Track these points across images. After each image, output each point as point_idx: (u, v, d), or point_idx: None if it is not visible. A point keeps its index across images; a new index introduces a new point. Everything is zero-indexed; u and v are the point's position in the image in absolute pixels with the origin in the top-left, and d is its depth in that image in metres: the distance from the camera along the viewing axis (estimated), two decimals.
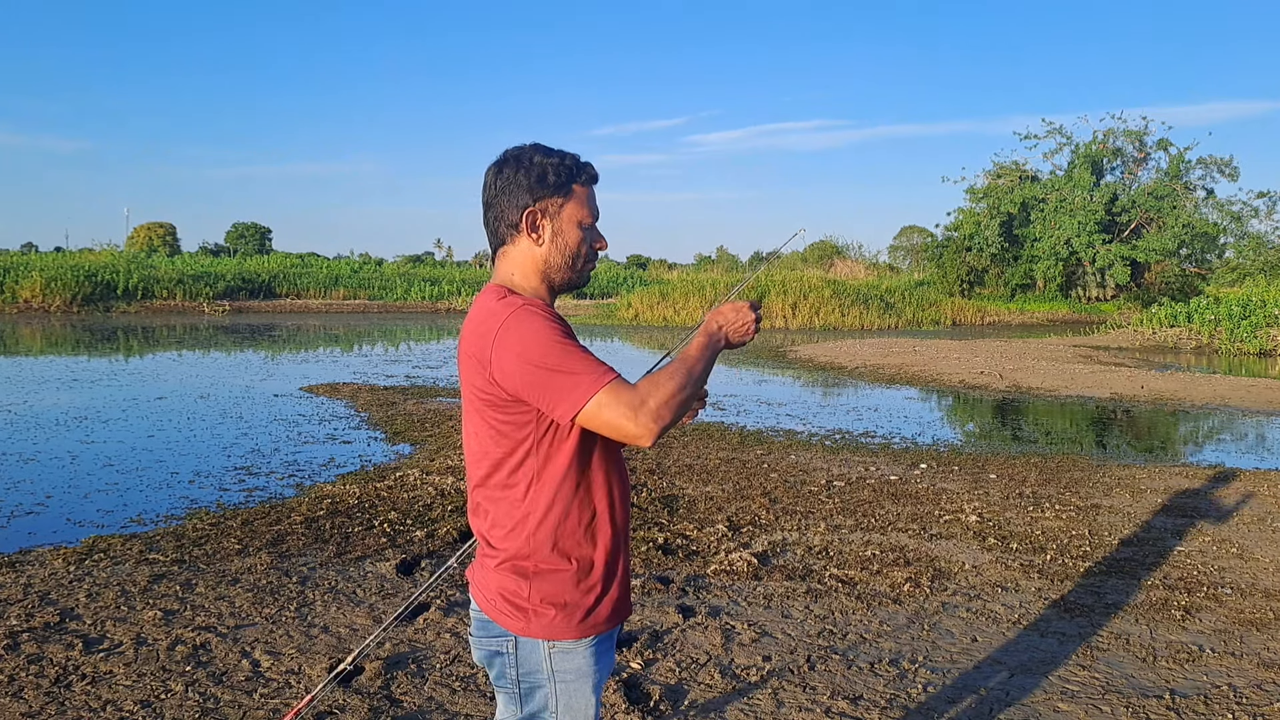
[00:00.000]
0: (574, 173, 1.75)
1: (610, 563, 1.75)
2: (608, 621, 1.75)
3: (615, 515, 1.76)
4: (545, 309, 1.67)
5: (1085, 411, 12.70)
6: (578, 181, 1.75)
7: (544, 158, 1.74)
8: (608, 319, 33.54)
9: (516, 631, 1.72)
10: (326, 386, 13.40)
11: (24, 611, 4.21)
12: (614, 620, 1.77)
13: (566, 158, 1.75)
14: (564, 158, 1.75)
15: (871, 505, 6.69)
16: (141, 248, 53.02)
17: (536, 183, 1.73)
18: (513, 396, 1.64)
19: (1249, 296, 28.41)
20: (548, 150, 1.75)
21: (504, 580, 1.73)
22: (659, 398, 1.58)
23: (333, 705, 3.36)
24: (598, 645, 1.75)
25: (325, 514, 6.06)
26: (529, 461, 1.69)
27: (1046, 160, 45.82)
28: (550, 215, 1.75)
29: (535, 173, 1.73)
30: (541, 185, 1.73)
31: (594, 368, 1.60)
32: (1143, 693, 3.65)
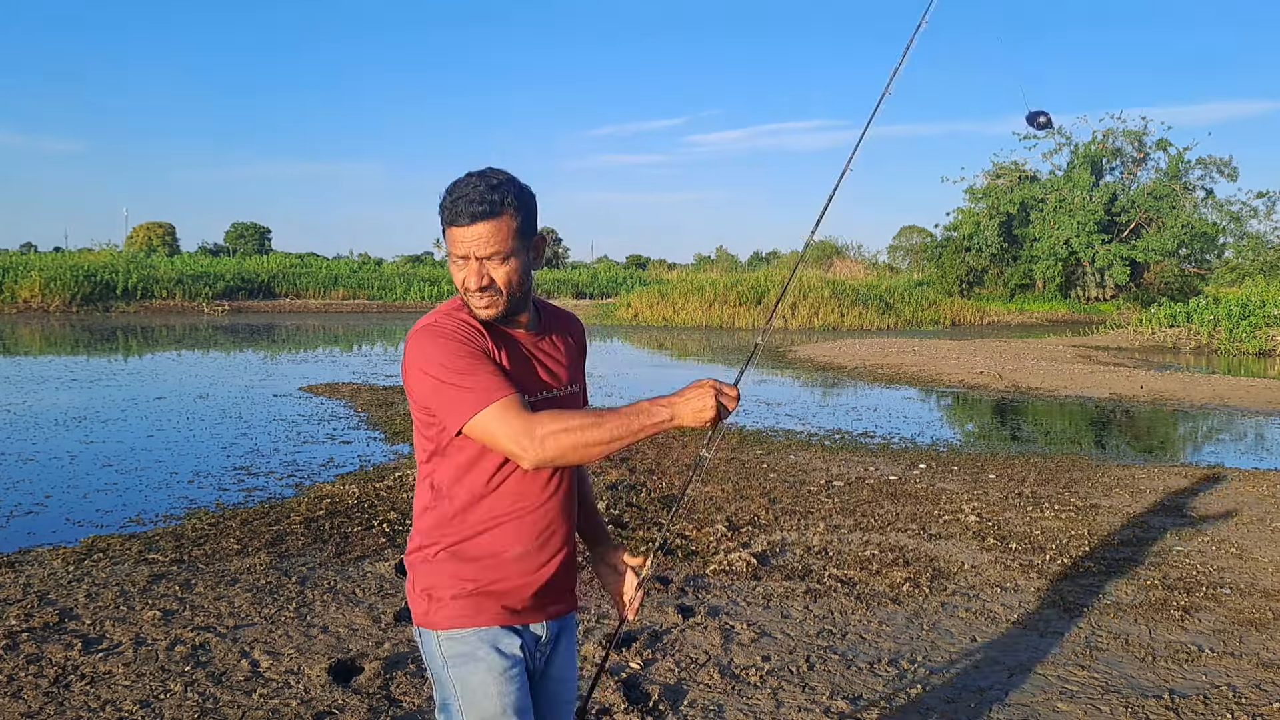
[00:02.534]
0: (441, 213, 1.77)
1: (509, 561, 1.82)
2: (503, 615, 1.82)
3: (524, 519, 1.83)
4: (454, 328, 1.76)
5: (1084, 411, 12.70)
6: (442, 221, 1.78)
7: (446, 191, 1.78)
8: (607, 319, 33.54)
9: (415, 620, 1.86)
10: (326, 386, 13.40)
11: (23, 611, 4.21)
12: (510, 615, 1.83)
13: (444, 198, 1.76)
14: (444, 197, 1.76)
15: (871, 505, 6.69)
16: (141, 248, 53.01)
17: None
18: (420, 403, 1.78)
19: (1248, 296, 28.40)
20: (453, 184, 1.76)
21: (410, 571, 1.89)
22: (553, 428, 1.66)
23: (332, 705, 3.36)
24: (491, 636, 1.81)
25: (325, 514, 6.05)
26: (434, 460, 1.83)
27: (1046, 160, 45.88)
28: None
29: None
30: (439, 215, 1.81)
31: (489, 384, 1.69)
32: (1142, 693, 3.66)
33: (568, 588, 1.95)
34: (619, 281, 51.48)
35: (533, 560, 1.85)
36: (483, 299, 1.76)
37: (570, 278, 53.10)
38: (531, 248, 1.81)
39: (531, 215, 1.80)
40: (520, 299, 1.81)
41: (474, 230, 1.73)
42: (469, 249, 1.73)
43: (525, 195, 1.78)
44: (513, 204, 1.74)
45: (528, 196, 1.79)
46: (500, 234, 1.73)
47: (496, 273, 1.75)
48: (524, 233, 1.77)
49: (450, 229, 1.74)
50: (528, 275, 1.80)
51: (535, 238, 1.82)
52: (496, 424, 1.67)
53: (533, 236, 1.81)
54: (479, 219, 1.72)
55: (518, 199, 1.75)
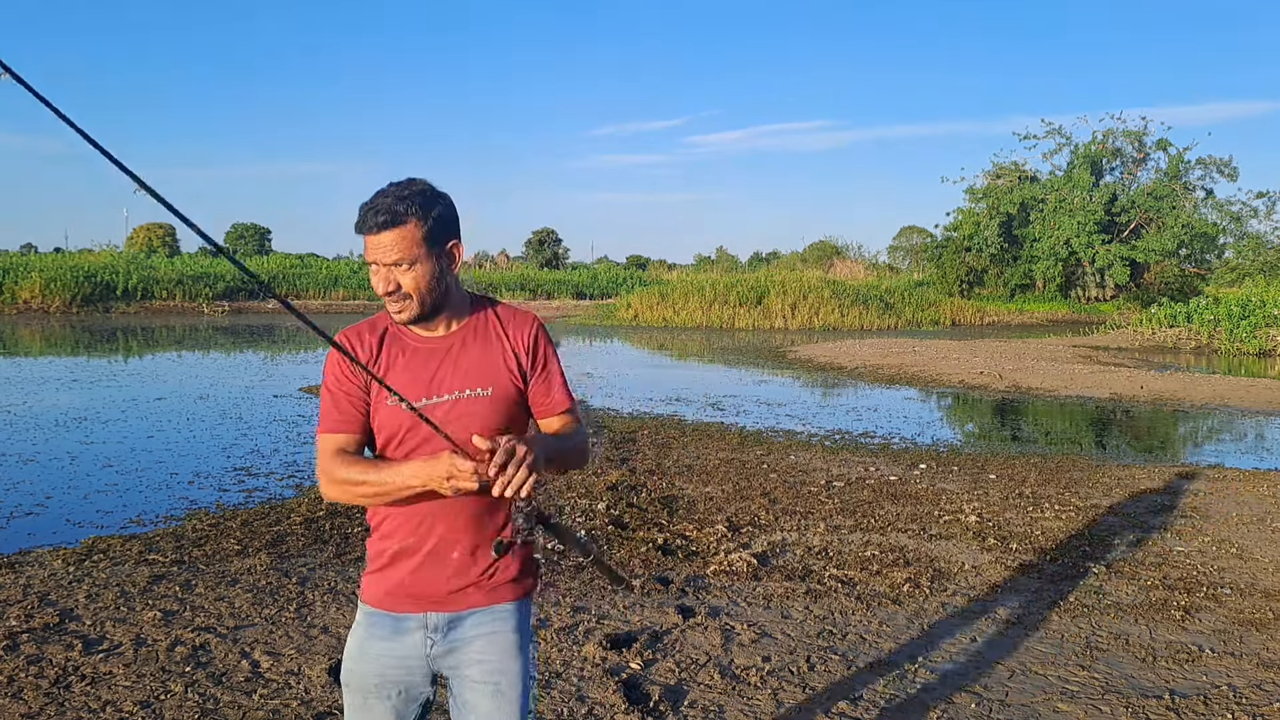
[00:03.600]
0: (356, 222, 1.88)
1: (387, 554, 1.95)
2: (377, 600, 1.96)
3: (406, 519, 1.92)
4: (335, 357, 1.93)
5: (1085, 412, 12.70)
6: (355, 228, 1.88)
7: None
8: (607, 319, 33.54)
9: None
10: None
11: (23, 612, 4.21)
12: (384, 600, 1.95)
13: (361, 204, 1.87)
14: (362, 203, 1.87)
15: (871, 506, 6.69)
16: (141, 248, 52.96)
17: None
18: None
19: (1248, 297, 28.40)
20: (374, 193, 1.87)
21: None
22: (340, 474, 1.85)
23: (332, 706, 3.36)
24: (368, 616, 1.98)
25: (325, 514, 6.05)
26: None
27: (1046, 160, 45.91)
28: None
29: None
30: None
31: (324, 415, 1.93)
32: (1142, 693, 3.66)
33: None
34: (619, 282, 51.47)
35: (414, 556, 1.97)
36: (393, 303, 1.87)
37: (570, 278, 53.11)
38: (444, 255, 1.88)
39: (442, 222, 1.87)
40: (435, 303, 1.89)
41: (379, 239, 1.83)
42: (376, 256, 1.84)
43: (434, 204, 1.86)
44: (417, 213, 1.83)
45: (438, 205, 1.87)
46: (404, 242, 1.82)
47: (404, 279, 1.84)
48: (432, 240, 1.85)
49: (364, 236, 1.85)
50: (439, 280, 1.88)
51: (449, 244, 1.89)
52: (318, 451, 1.91)
53: (445, 243, 1.88)
54: (383, 228, 1.82)
55: (423, 208, 1.83)
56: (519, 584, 2.00)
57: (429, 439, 1.85)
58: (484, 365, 1.93)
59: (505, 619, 1.97)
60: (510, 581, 1.98)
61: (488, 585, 1.96)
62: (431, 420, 1.78)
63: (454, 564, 1.93)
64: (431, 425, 1.75)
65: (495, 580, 1.96)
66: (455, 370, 1.91)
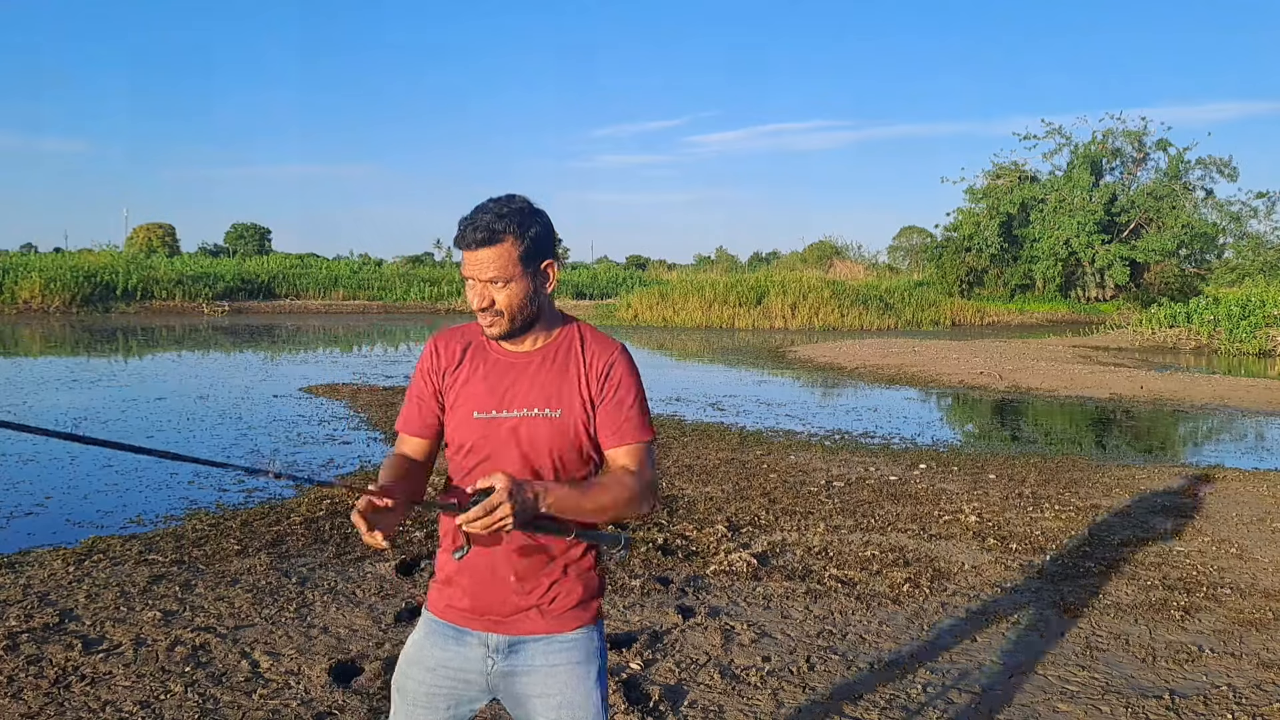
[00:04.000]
0: (455, 235, 1.90)
1: (449, 567, 1.97)
2: (440, 610, 1.97)
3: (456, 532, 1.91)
4: (426, 350, 2.00)
5: (1085, 412, 12.70)
6: (454, 242, 1.91)
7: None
8: (607, 319, 33.55)
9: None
10: (326, 387, 13.40)
11: (23, 612, 4.21)
12: (446, 612, 1.96)
13: (460, 221, 1.88)
14: (461, 220, 1.89)
15: (871, 506, 6.69)
16: (141, 248, 52.94)
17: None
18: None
19: (1248, 297, 28.40)
20: (474, 208, 1.89)
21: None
22: (380, 473, 1.96)
23: (332, 706, 3.36)
24: (430, 623, 1.99)
25: (325, 514, 6.05)
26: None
27: (1046, 161, 45.88)
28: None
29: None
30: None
31: (402, 411, 2.02)
32: (1142, 693, 3.66)
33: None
34: (619, 282, 51.45)
35: (468, 566, 1.98)
36: (486, 318, 1.89)
37: (570, 278, 53.10)
38: (539, 273, 1.89)
39: (539, 242, 1.87)
40: (527, 321, 1.90)
41: (477, 255, 1.85)
42: (473, 271, 1.86)
43: (532, 223, 1.86)
44: (515, 231, 1.84)
45: (536, 224, 1.87)
46: (500, 260, 1.84)
47: (498, 295, 1.86)
48: (527, 259, 1.86)
49: (462, 250, 1.87)
50: (532, 299, 1.88)
51: (544, 263, 1.89)
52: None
53: (540, 262, 1.88)
54: (481, 245, 1.84)
55: (520, 227, 1.84)
56: (584, 609, 1.95)
57: (496, 452, 1.88)
58: (558, 387, 1.91)
59: (571, 649, 1.92)
60: (574, 607, 1.93)
61: (550, 611, 1.92)
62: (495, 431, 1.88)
63: (511, 586, 1.91)
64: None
65: (557, 606, 1.92)
66: (530, 387, 1.90)
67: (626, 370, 1.94)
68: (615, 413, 1.91)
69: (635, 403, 1.93)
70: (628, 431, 1.92)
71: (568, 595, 1.92)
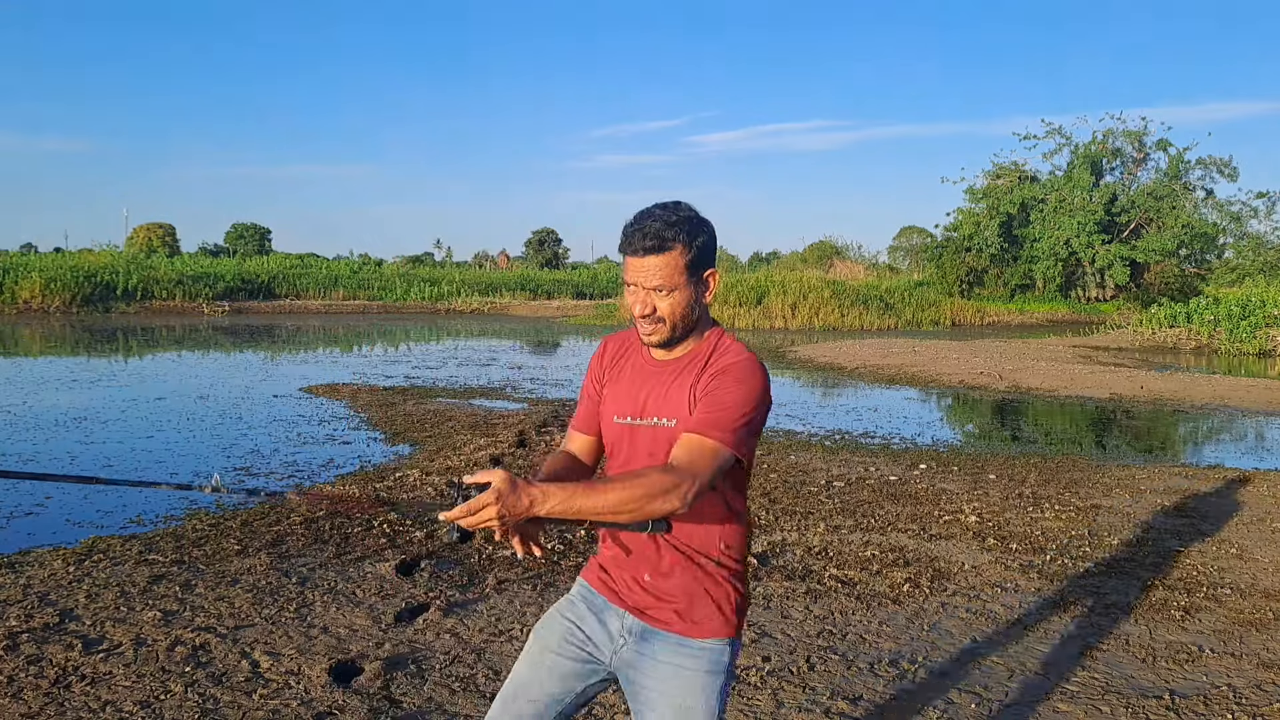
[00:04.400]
0: (620, 240, 1.91)
1: (602, 550, 2.07)
2: (591, 578, 2.08)
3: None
4: (595, 354, 2.12)
5: (1085, 412, 12.70)
6: (619, 247, 1.92)
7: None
8: (607, 319, 33.53)
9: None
10: (326, 387, 13.40)
11: (23, 612, 4.21)
12: (595, 583, 2.06)
13: (626, 226, 1.89)
14: (626, 224, 1.89)
15: (871, 506, 6.69)
16: (141, 248, 52.95)
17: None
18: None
19: (1248, 297, 28.41)
20: (637, 214, 1.90)
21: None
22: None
23: (332, 706, 3.36)
24: (580, 586, 2.09)
25: (325, 514, 6.05)
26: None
27: (1046, 161, 45.89)
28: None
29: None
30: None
31: (577, 412, 2.12)
32: (1142, 693, 3.66)
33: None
34: (619, 282, 51.39)
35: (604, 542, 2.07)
36: (647, 326, 1.90)
37: (570, 278, 53.11)
38: (701, 282, 1.90)
39: (704, 251, 1.88)
40: (687, 329, 1.91)
41: (643, 263, 1.85)
42: (637, 278, 1.87)
43: (699, 232, 1.87)
44: (683, 240, 1.84)
45: (702, 234, 1.88)
46: (667, 269, 1.84)
47: (661, 303, 1.86)
48: (692, 268, 1.86)
49: (625, 257, 1.88)
50: (693, 308, 1.89)
51: (707, 272, 1.90)
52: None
53: (703, 272, 1.89)
54: (649, 253, 1.84)
55: (689, 235, 1.85)
56: (724, 620, 1.93)
57: (631, 458, 1.94)
58: (678, 395, 1.90)
59: (701, 656, 1.91)
60: (713, 616, 1.92)
61: (688, 614, 1.92)
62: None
63: (645, 584, 1.95)
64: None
65: (696, 612, 1.92)
66: (663, 395, 1.92)
67: (733, 377, 1.86)
68: (703, 405, 1.85)
69: (730, 405, 1.83)
70: (703, 423, 1.82)
71: (708, 603, 1.92)
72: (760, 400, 1.86)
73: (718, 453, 1.78)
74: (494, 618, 4.29)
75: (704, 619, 1.91)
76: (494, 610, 4.39)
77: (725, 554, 1.93)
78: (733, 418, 1.81)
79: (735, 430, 1.80)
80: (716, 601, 1.92)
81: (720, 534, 1.93)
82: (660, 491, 1.70)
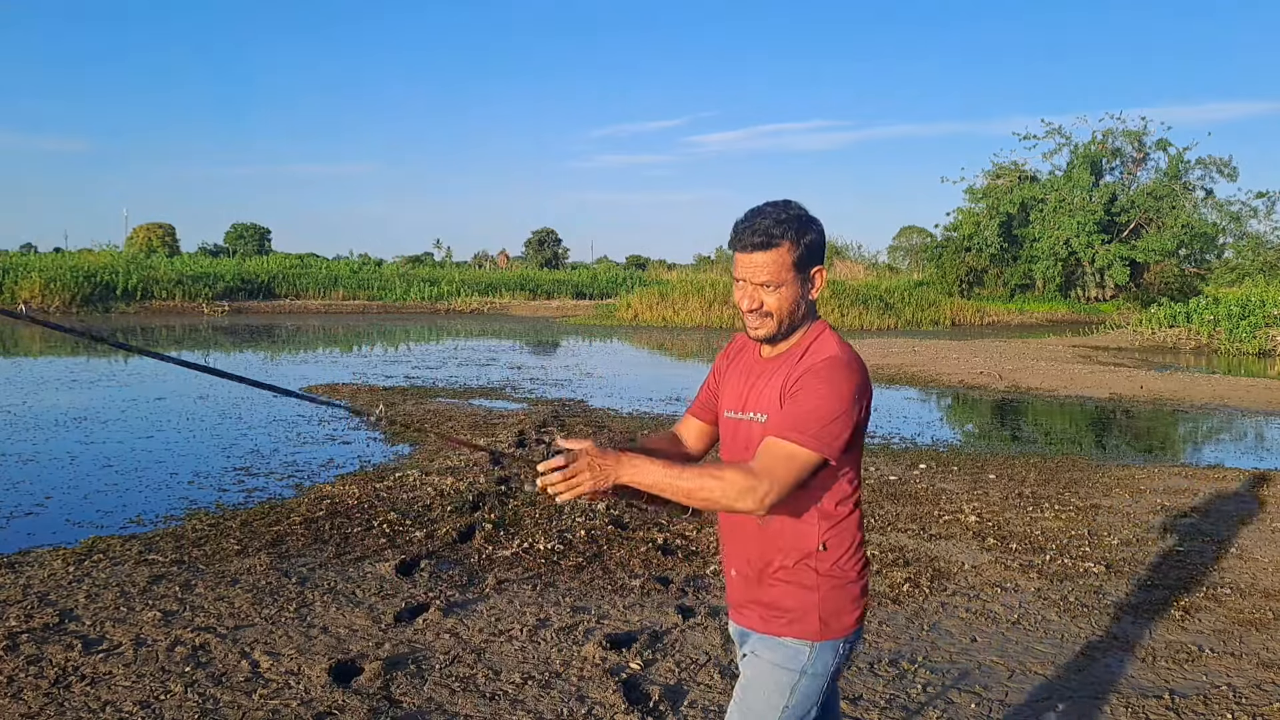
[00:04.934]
0: (730, 236, 1.95)
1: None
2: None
3: (720, 527, 2.13)
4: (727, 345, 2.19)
5: (1084, 412, 12.70)
6: (729, 243, 1.97)
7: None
8: (607, 319, 33.54)
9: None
10: (326, 387, 13.39)
11: (23, 612, 4.21)
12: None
13: (737, 223, 1.94)
14: (737, 221, 1.94)
15: (871, 505, 6.68)
16: (141, 248, 52.92)
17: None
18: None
19: (1248, 297, 28.41)
20: (749, 211, 1.94)
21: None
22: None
23: (332, 706, 3.36)
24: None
25: (324, 514, 6.05)
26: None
27: (1046, 160, 45.93)
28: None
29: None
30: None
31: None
32: (1143, 693, 3.66)
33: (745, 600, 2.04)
34: (619, 282, 51.44)
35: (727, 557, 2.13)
36: (754, 320, 1.95)
37: (570, 278, 53.10)
38: (808, 280, 1.94)
39: (812, 250, 1.92)
40: (793, 324, 1.95)
41: (752, 258, 1.90)
42: (746, 274, 1.91)
43: (807, 230, 1.91)
44: (792, 237, 1.88)
45: (811, 232, 1.91)
46: (775, 265, 1.89)
47: (768, 299, 1.91)
48: (800, 265, 1.91)
49: (735, 253, 1.92)
50: (800, 303, 1.93)
51: (814, 269, 1.94)
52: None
53: (810, 269, 1.93)
54: (758, 249, 1.88)
55: (798, 233, 1.89)
56: (804, 620, 1.92)
57: (735, 446, 2.01)
58: (771, 392, 1.93)
59: (775, 650, 1.94)
60: (790, 614, 1.93)
61: (766, 612, 1.97)
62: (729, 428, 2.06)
63: (736, 581, 2.04)
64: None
65: (775, 610, 1.95)
66: (762, 390, 1.96)
67: (821, 377, 1.85)
68: (787, 405, 1.87)
69: (812, 405, 1.83)
70: (783, 424, 1.83)
71: (781, 601, 1.95)
72: (852, 398, 1.84)
73: (795, 455, 1.80)
74: (494, 618, 4.29)
75: (784, 619, 1.94)
76: (494, 610, 4.39)
77: (817, 556, 1.92)
78: (815, 418, 1.81)
79: (817, 431, 1.81)
80: (802, 604, 1.92)
81: (811, 536, 1.93)
82: (735, 493, 1.77)
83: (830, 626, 1.92)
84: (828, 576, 1.93)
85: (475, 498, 6.41)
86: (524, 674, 3.68)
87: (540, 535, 5.62)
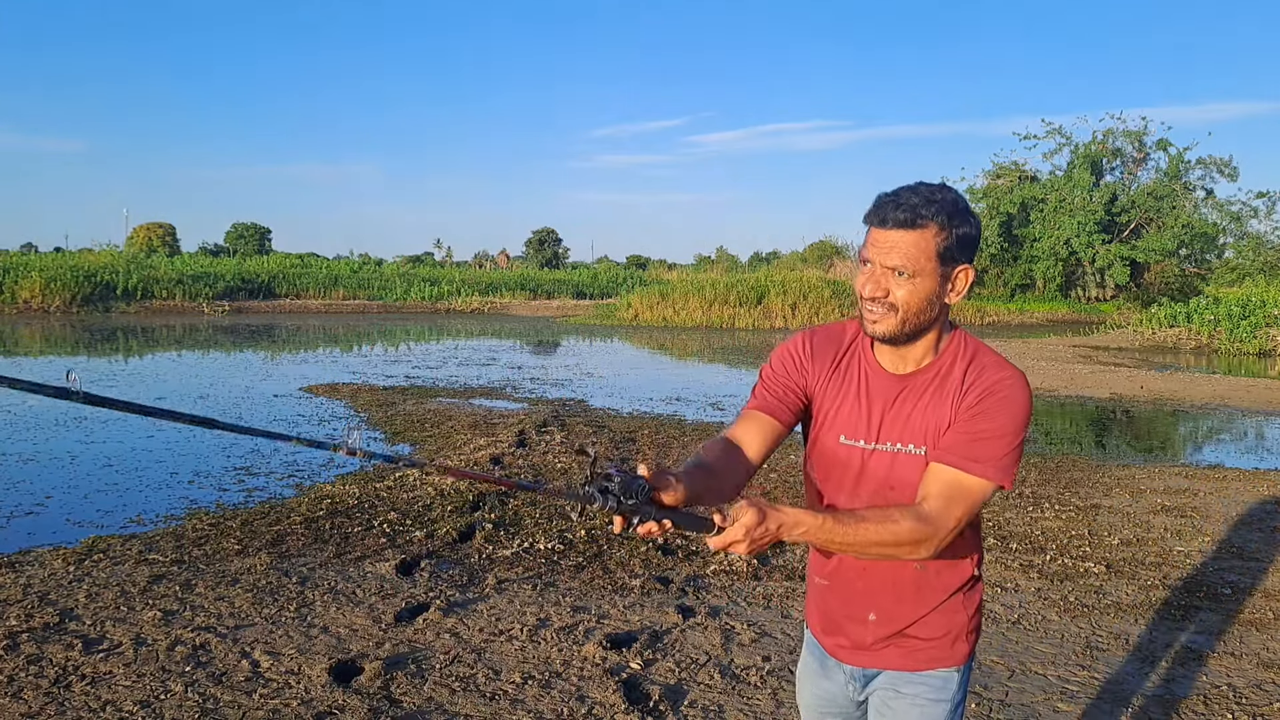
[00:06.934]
0: (869, 209, 1.67)
1: (813, 581, 1.92)
2: (811, 626, 1.95)
3: (817, 553, 1.89)
4: (796, 339, 1.90)
5: (1085, 411, 12.70)
6: (865, 218, 1.68)
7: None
8: (607, 319, 33.53)
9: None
10: (326, 387, 13.40)
11: (23, 612, 4.21)
12: (815, 630, 1.93)
13: (881, 194, 1.66)
14: (883, 192, 1.67)
15: None
16: (141, 248, 52.96)
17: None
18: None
19: (1248, 296, 28.41)
20: (898, 188, 1.66)
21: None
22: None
23: (332, 705, 3.36)
24: (807, 639, 1.97)
25: (325, 514, 6.05)
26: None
27: (1046, 160, 45.87)
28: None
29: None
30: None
31: (753, 392, 1.85)
32: (1143, 693, 3.65)
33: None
34: (619, 282, 51.46)
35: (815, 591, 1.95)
36: (875, 310, 1.64)
37: (570, 278, 53.10)
38: (950, 277, 1.64)
39: (964, 244, 1.62)
40: (920, 327, 1.65)
41: (888, 236, 1.61)
42: (876, 254, 1.62)
43: (962, 220, 1.61)
44: (942, 222, 1.59)
45: (966, 224, 1.62)
46: (914, 248, 1.59)
47: (897, 289, 1.61)
48: (944, 256, 1.61)
49: (870, 227, 1.64)
50: (933, 303, 1.63)
51: (959, 268, 1.64)
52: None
53: (955, 265, 1.63)
54: (899, 225, 1.59)
55: (949, 219, 1.59)
56: (949, 649, 1.77)
57: (865, 482, 1.71)
58: (927, 419, 1.67)
59: (924, 684, 1.77)
60: (937, 647, 1.77)
61: (907, 648, 1.77)
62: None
63: (869, 624, 1.78)
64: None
65: (916, 644, 1.77)
66: (904, 418, 1.69)
67: (999, 398, 1.63)
68: (964, 433, 1.63)
69: (997, 433, 1.61)
70: (966, 455, 1.61)
71: (930, 633, 1.77)
72: (1027, 422, 1.64)
73: (983, 491, 1.61)
74: (494, 617, 4.29)
75: (927, 652, 1.77)
76: (494, 610, 4.39)
77: (965, 583, 1.78)
78: (1000, 448, 1.61)
79: (1001, 462, 1.61)
80: (940, 630, 1.77)
81: (968, 566, 1.78)
82: (911, 541, 1.57)
83: (970, 649, 1.80)
84: (972, 599, 1.79)
85: (475, 498, 6.41)
86: (524, 674, 3.68)
87: (540, 535, 5.62)
